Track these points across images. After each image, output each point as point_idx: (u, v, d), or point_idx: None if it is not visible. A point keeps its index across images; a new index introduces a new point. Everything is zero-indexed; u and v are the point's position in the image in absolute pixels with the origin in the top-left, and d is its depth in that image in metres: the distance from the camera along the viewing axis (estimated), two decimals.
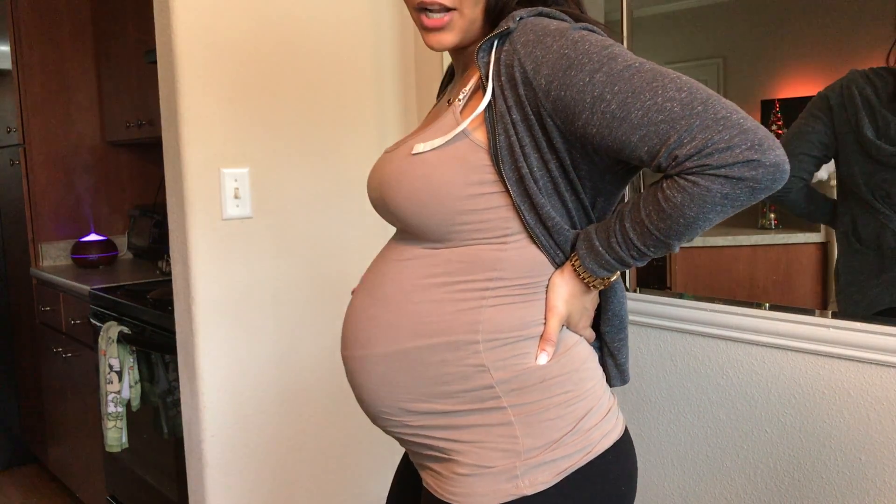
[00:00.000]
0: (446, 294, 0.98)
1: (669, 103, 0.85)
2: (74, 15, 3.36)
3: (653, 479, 1.73)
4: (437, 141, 0.95)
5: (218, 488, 1.82)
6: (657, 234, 0.91)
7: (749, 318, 1.52)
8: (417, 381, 0.99)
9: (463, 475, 0.97)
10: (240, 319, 1.80)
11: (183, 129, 1.70)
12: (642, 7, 1.98)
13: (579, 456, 0.97)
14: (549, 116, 0.91)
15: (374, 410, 1.06)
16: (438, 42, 1.00)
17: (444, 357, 0.97)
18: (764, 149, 0.84)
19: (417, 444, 1.04)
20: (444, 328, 0.97)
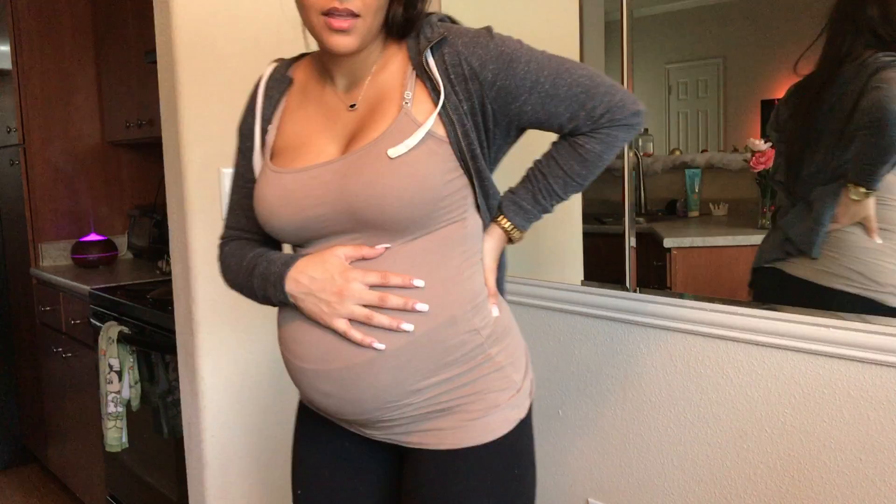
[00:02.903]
0: (434, 279, 1.09)
1: (581, 79, 1.09)
2: (74, 15, 3.36)
3: (653, 479, 1.73)
4: (409, 142, 1.05)
5: (218, 488, 1.82)
6: (578, 180, 1.16)
7: (749, 318, 1.51)
8: (424, 363, 1.09)
9: (476, 419, 1.12)
10: (240, 319, 1.80)
11: (183, 129, 1.70)
12: (642, 7, 1.98)
13: (531, 376, 1.23)
14: (490, 103, 1.08)
15: (373, 406, 1.11)
16: (343, 45, 1.05)
17: (446, 333, 1.09)
18: (637, 101, 1.13)
19: (416, 416, 1.13)
20: (442, 309, 1.09)
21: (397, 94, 1.10)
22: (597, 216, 2.28)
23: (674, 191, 2.39)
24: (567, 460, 1.91)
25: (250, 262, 1.17)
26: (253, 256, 1.18)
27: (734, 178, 2.16)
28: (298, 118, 1.17)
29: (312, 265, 1.09)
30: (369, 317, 1.06)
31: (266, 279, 1.13)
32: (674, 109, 2.46)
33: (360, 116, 1.12)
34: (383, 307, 1.06)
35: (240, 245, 1.23)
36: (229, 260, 1.22)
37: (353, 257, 1.08)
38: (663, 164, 2.47)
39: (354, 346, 1.08)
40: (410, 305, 1.06)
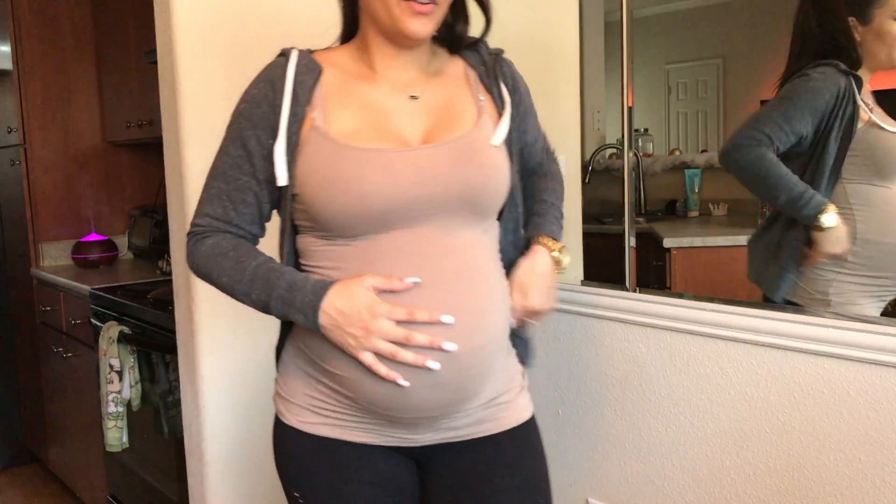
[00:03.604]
0: (498, 265, 1.19)
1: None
2: (74, 15, 3.36)
3: (653, 479, 1.73)
4: (500, 134, 1.17)
5: (218, 488, 1.82)
6: (562, 199, 1.36)
7: (749, 318, 1.52)
8: (502, 347, 1.18)
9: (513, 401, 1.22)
10: (240, 319, 1.81)
11: (183, 129, 1.71)
12: (642, 7, 1.98)
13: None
14: (515, 120, 1.22)
15: (472, 393, 1.14)
16: (422, 29, 1.10)
17: (507, 315, 1.18)
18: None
19: (484, 403, 1.17)
20: (505, 294, 1.18)
21: (467, 94, 1.20)
22: (597, 216, 2.29)
23: (674, 191, 2.40)
24: (567, 460, 1.91)
25: (258, 273, 1.12)
26: (259, 268, 1.12)
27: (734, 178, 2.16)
28: (350, 104, 1.14)
29: (340, 298, 1.06)
30: (394, 354, 1.06)
31: (290, 304, 1.09)
32: (674, 109, 2.46)
33: (431, 108, 1.16)
34: (409, 345, 1.06)
35: (229, 242, 1.16)
36: (216, 257, 1.14)
37: (381, 288, 1.07)
38: (663, 164, 2.47)
39: (476, 328, 1.10)
40: (437, 345, 1.06)
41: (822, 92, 1.55)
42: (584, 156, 2.24)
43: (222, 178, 1.16)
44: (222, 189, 1.16)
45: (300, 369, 1.17)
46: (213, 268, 1.15)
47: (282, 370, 1.22)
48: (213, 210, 1.16)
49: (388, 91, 1.16)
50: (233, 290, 1.14)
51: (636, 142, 2.57)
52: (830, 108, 1.54)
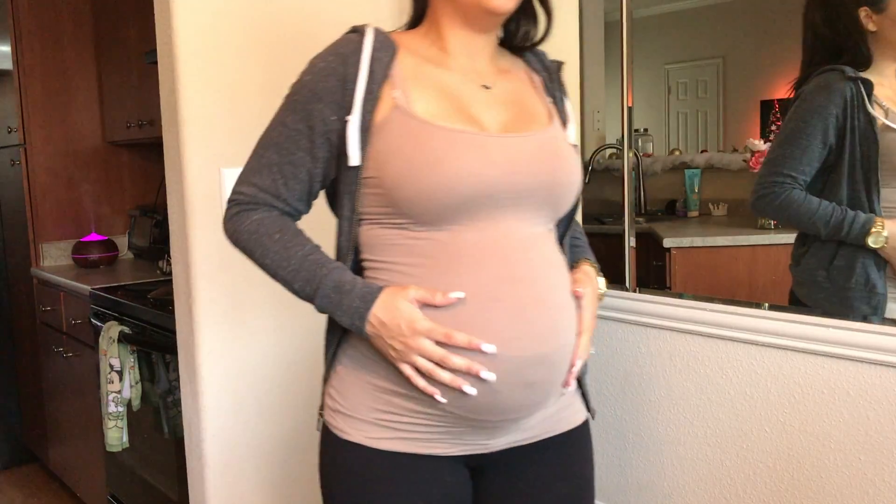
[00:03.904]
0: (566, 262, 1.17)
1: None
2: (74, 15, 3.36)
3: (653, 479, 1.73)
4: (572, 135, 1.19)
5: (218, 488, 1.82)
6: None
7: (749, 318, 1.52)
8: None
9: (573, 403, 1.21)
10: (240, 319, 1.81)
11: (183, 129, 1.71)
12: (642, 7, 1.98)
13: None
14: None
15: (558, 391, 1.12)
16: (507, 2, 1.07)
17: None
18: None
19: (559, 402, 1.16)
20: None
21: (535, 95, 1.19)
22: (597, 216, 2.29)
23: (673, 191, 2.40)
24: None
25: (304, 265, 1.08)
26: (306, 259, 1.08)
27: (733, 178, 2.16)
28: (427, 87, 1.09)
29: (384, 309, 1.04)
30: (431, 372, 1.03)
31: (336, 305, 1.06)
32: (673, 109, 2.46)
33: (504, 101, 1.14)
34: (444, 367, 1.03)
35: (276, 222, 1.11)
36: (262, 237, 1.09)
37: (424, 302, 1.03)
38: (663, 164, 2.47)
39: (564, 324, 1.08)
40: (474, 371, 1.02)
41: (828, 108, 1.50)
42: (584, 156, 2.24)
43: (275, 148, 1.10)
44: (274, 160, 1.10)
45: (367, 383, 1.11)
46: (257, 247, 1.10)
47: (338, 384, 1.14)
48: (262, 181, 1.11)
49: (462, 78, 1.12)
50: (274, 274, 1.10)
51: (636, 142, 2.57)
52: (841, 123, 1.49)
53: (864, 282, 1.48)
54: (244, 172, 1.13)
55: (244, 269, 1.80)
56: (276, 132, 1.11)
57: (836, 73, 1.49)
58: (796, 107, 1.55)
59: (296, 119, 1.09)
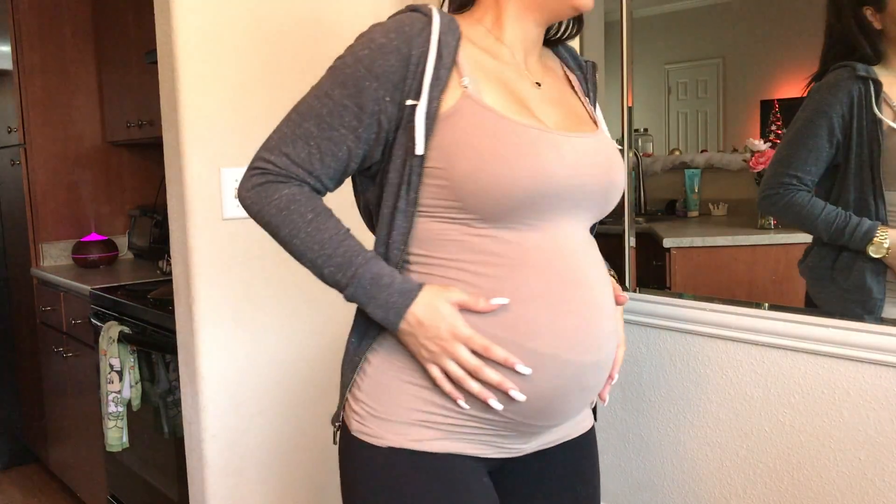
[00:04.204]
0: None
1: None
2: (74, 15, 3.36)
3: (653, 479, 1.73)
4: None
5: (218, 488, 1.82)
6: None
7: (749, 318, 1.52)
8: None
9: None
10: (240, 319, 1.81)
11: (183, 129, 1.71)
12: (642, 7, 1.98)
13: None
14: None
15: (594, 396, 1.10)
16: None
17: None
18: None
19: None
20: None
21: (573, 95, 1.16)
22: None
23: (673, 191, 2.39)
24: None
25: (339, 250, 1.01)
26: (341, 245, 1.01)
27: (734, 178, 2.16)
28: (491, 77, 1.04)
29: (424, 308, 0.99)
30: (462, 380, 0.99)
31: (371, 298, 1.00)
32: (673, 109, 2.46)
33: (554, 100, 1.10)
34: (477, 378, 0.99)
35: (309, 200, 1.02)
36: (293, 214, 1.01)
37: (466, 307, 0.99)
38: (663, 164, 2.47)
39: (615, 330, 1.07)
40: (505, 388, 0.99)
41: (834, 107, 1.49)
42: None
43: (316, 121, 1.01)
44: (312, 133, 1.01)
45: (406, 382, 1.03)
46: (285, 225, 1.01)
47: (368, 388, 1.06)
48: (296, 152, 1.01)
49: (516, 73, 1.07)
50: (301, 255, 1.02)
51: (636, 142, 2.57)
52: (847, 122, 1.47)
53: (861, 285, 1.48)
54: (275, 140, 1.03)
55: (244, 269, 1.80)
56: (318, 103, 1.01)
57: (846, 70, 1.48)
58: (804, 104, 1.54)
59: (344, 93, 1.00)
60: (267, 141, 1.04)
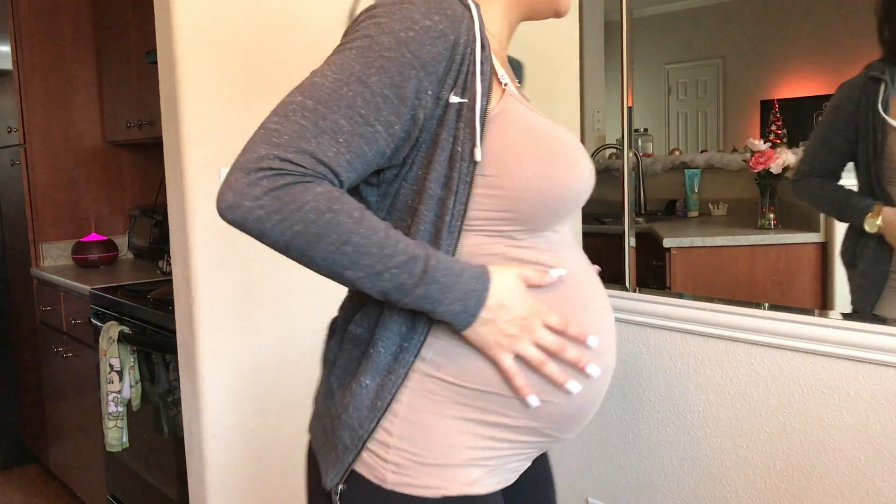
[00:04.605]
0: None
1: None
2: (74, 15, 3.36)
3: (653, 479, 1.73)
4: None
5: (218, 488, 1.82)
6: None
7: (749, 318, 1.52)
8: None
9: None
10: (240, 319, 1.81)
11: (183, 129, 1.71)
12: (642, 7, 1.98)
13: None
14: None
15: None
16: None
17: None
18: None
19: None
20: None
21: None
22: (596, 216, 2.28)
23: (673, 191, 2.39)
24: (567, 460, 1.91)
25: (399, 245, 0.83)
26: (397, 236, 0.83)
27: (734, 178, 2.16)
28: (509, 77, 0.95)
29: (501, 287, 0.87)
30: (542, 364, 0.88)
31: (449, 290, 0.84)
32: (673, 109, 2.46)
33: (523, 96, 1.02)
34: (558, 357, 0.90)
35: (349, 195, 0.83)
36: (338, 213, 0.80)
37: (533, 283, 0.89)
38: (663, 164, 2.47)
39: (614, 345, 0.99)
40: (583, 365, 0.90)
41: (844, 105, 1.57)
42: None
43: (346, 112, 0.81)
44: (341, 127, 0.81)
45: (450, 418, 0.89)
46: (330, 231, 0.79)
47: (406, 431, 0.89)
48: (322, 151, 0.80)
49: (510, 73, 1.00)
50: (351, 264, 0.81)
51: (636, 142, 2.57)
52: (855, 119, 1.55)
53: (871, 264, 1.55)
54: (289, 133, 0.80)
55: (244, 269, 1.80)
56: (349, 90, 0.81)
57: (864, 70, 1.56)
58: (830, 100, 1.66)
59: (384, 81, 0.82)
60: (272, 134, 0.81)
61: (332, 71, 0.83)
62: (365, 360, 0.90)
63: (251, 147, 0.82)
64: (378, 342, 0.89)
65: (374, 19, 0.84)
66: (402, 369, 0.88)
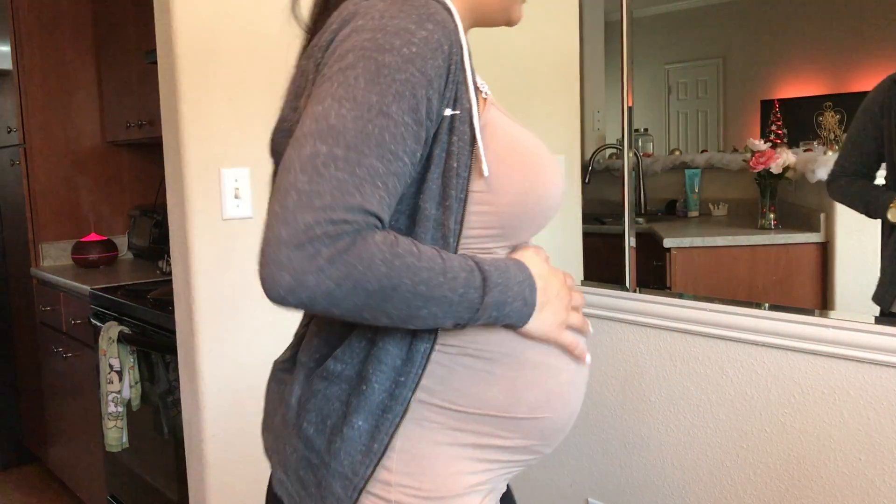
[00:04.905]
0: None
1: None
2: (74, 15, 3.36)
3: (653, 479, 1.73)
4: None
5: (218, 488, 1.82)
6: None
7: (749, 318, 1.52)
8: None
9: None
10: (240, 319, 1.81)
11: (183, 129, 1.71)
12: (642, 7, 1.98)
13: None
14: None
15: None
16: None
17: None
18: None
19: None
20: None
21: None
22: (597, 216, 2.29)
23: (674, 191, 2.39)
24: (567, 460, 1.91)
25: (454, 262, 0.77)
26: (446, 255, 0.78)
27: (734, 178, 2.16)
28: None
29: (539, 269, 0.85)
30: (585, 326, 0.90)
31: (509, 291, 0.80)
32: (674, 109, 2.46)
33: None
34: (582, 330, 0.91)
35: (401, 237, 0.76)
36: (403, 255, 0.74)
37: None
38: (663, 164, 2.47)
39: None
40: (587, 329, 0.92)
41: (870, 107, 1.61)
42: (584, 156, 2.24)
43: (378, 152, 0.73)
44: (377, 171, 0.73)
45: (446, 445, 0.84)
46: (404, 275, 0.73)
47: (406, 465, 0.83)
48: (367, 200, 0.72)
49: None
50: (428, 300, 0.75)
51: (636, 142, 2.57)
52: (880, 120, 1.59)
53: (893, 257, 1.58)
54: (330, 190, 0.71)
55: (244, 269, 1.80)
56: (374, 127, 0.73)
57: (893, 74, 1.60)
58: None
59: (403, 108, 0.74)
60: (311, 197, 0.71)
61: (348, 108, 0.73)
62: (355, 399, 0.82)
63: (290, 217, 0.71)
64: (371, 378, 0.81)
65: (364, 34, 0.76)
66: (400, 406, 0.81)
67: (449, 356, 0.83)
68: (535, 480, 1.99)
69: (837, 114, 1.86)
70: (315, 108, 0.75)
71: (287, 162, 0.73)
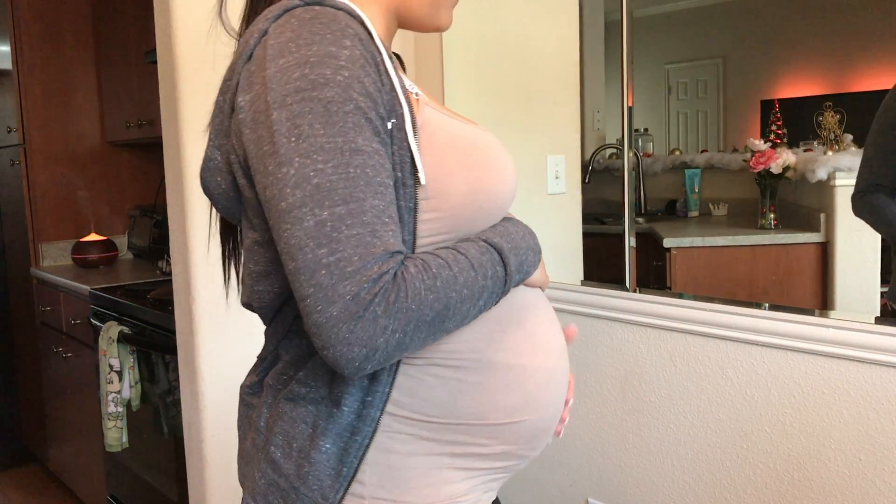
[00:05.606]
0: None
1: None
2: (74, 15, 3.36)
3: (653, 479, 1.73)
4: None
5: (218, 488, 1.82)
6: None
7: (749, 318, 1.52)
8: None
9: None
10: (240, 319, 1.81)
11: (183, 129, 1.71)
12: (642, 7, 1.98)
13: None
14: None
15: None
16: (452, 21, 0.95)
17: None
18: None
19: None
20: None
21: None
22: (597, 216, 2.29)
23: (673, 191, 2.40)
24: (567, 460, 1.91)
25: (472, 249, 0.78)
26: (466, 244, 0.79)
27: (733, 178, 2.16)
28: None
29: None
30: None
31: (517, 248, 0.83)
32: (674, 109, 2.46)
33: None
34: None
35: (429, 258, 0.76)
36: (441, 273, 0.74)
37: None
38: (663, 164, 2.47)
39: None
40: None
41: (886, 112, 1.57)
42: (584, 156, 2.24)
43: (371, 190, 0.72)
44: (379, 208, 0.72)
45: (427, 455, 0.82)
46: (448, 290, 0.74)
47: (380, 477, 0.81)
48: (386, 241, 0.72)
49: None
50: (477, 299, 0.78)
51: (636, 142, 2.57)
52: None
53: None
54: (356, 254, 0.70)
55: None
56: (354, 169, 0.72)
57: None
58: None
59: (367, 137, 0.73)
60: (340, 267, 0.70)
61: (322, 160, 0.71)
62: (323, 421, 0.80)
63: (333, 294, 0.70)
64: (340, 399, 0.79)
65: (291, 73, 0.73)
66: (368, 428, 0.79)
67: (417, 367, 0.80)
68: (535, 480, 1.99)
69: (837, 114, 1.86)
70: (285, 170, 0.71)
71: (294, 240, 0.71)
